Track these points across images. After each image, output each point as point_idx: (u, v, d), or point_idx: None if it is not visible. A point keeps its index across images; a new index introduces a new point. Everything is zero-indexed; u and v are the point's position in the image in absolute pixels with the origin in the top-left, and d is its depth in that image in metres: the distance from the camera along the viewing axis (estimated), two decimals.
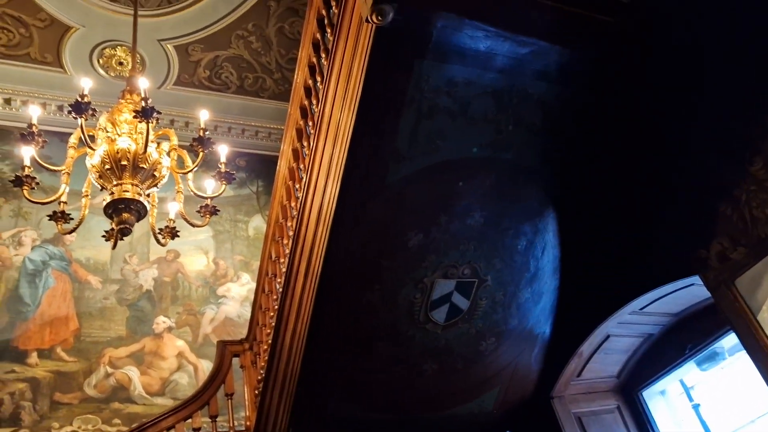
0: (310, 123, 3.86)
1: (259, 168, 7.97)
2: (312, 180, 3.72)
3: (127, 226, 3.45)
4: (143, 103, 3.31)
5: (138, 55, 5.88)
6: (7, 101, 7.09)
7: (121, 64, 7.27)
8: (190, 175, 3.71)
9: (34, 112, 3.52)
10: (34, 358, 5.88)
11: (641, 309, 4.58)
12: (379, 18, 2.76)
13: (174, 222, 3.90)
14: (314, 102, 3.82)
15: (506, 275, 4.27)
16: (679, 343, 4.89)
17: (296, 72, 4.04)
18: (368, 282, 3.82)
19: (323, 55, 3.69)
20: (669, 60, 3.67)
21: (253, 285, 7.03)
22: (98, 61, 7.18)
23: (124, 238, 3.69)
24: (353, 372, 4.10)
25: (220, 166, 3.78)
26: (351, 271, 3.74)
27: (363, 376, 4.16)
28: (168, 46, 7.16)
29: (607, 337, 4.85)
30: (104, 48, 7.09)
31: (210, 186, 3.98)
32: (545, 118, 3.70)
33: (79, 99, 3.21)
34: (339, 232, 3.56)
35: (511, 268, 4.26)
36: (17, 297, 6.13)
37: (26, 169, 3.48)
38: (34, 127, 3.41)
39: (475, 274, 4.11)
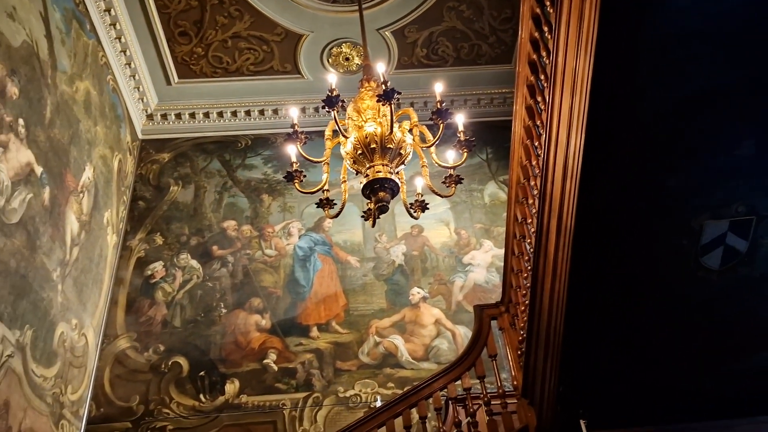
0: (542, 77, 3.75)
1: (486, 135, 8.02)
2: (552, 135, 3.62)
3: (384, 203, 3.71)
4: (383, 87, 3.52)
5: (362, 47, 6.31)
6: (261, 112, 8.12)
7: (347, 59, 7.85)
8: (432, 149, 3.87)
9: (294, 113, 3.96)
10: (315, 332, 6.73)
11: None
12: None
13: (422, 196, 4.11)
14: (544, 54, 3.70)
15: None
16: None
17: (520, 27, 3.94)
18: (627, 232, 3.61)
19: (548, 3, 3.55)
20: None
21: (496, 251, 7.15)
22: (328, 61, 7.84)
23: (380, 216, 3.99)
24: (622, 328, 3.92)
25: (458, 135, 3.88)
26: (607, 223, 3.57)
27: (632, 332, 3.96)
28: (386, 33, 7.54)
29: None
30: (332, 48, 7.72)
31: (450, 156, 4.10)
32: None
33: (330, 93, 3.53)
34: (589, 184, 3.41)
35: None
36: (294, 280, 7.09)
37: (294, 165, 3.94)
38: (296, 126, 3.84)
39: (751, 210, 3.64)
